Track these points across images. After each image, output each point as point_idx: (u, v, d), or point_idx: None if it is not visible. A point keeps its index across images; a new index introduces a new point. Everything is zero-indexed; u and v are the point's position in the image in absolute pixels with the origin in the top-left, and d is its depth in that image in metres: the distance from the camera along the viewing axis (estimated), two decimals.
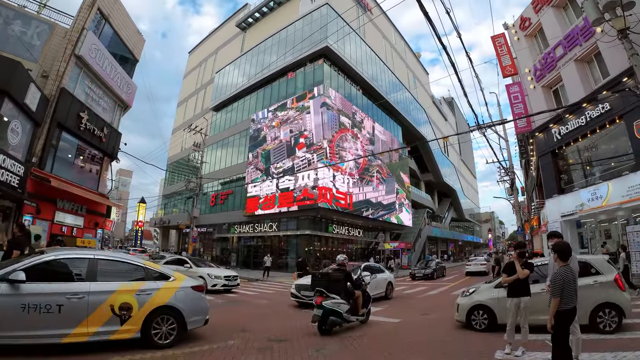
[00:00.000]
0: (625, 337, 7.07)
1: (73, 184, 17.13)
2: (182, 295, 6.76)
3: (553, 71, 20.23)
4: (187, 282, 7.11)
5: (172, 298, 6.59)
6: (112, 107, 20.95)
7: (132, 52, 22.31)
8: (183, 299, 6.72)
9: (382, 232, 40.14)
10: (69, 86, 16.66)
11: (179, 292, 6.76)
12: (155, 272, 6.88)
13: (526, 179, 36.94)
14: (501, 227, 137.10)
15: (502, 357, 6.22)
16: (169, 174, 56.11)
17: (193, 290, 7.05)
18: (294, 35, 38.24)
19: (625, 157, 16.56)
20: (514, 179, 31.15)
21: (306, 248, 33.67)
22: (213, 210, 43.59)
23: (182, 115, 58.53)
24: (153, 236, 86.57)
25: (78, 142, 18.16)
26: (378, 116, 44.40)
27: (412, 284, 24.06)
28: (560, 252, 5.12)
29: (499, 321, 8.04)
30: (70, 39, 16.47)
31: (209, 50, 56.97)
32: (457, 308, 9.00)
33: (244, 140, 41.49)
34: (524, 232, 31.61)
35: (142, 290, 6.33)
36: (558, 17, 19.79)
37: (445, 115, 77.15)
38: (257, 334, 7.96)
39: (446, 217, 71.59)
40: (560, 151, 20.89)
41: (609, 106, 16.44)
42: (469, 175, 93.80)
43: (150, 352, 6.01)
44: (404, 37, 60.88)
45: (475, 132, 19.33)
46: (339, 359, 6.22)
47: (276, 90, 40.32)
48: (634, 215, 16.54)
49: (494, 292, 8.36)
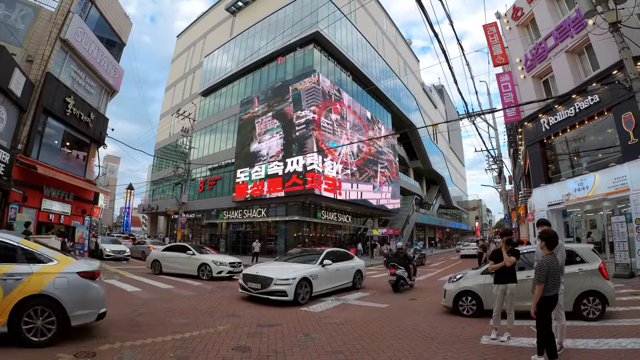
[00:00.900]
0: (608, 324, 7.28)
1: (60, 171, 16.90)
2: (63, 282, 5.52)
3: (544, 62, 20.31)
4: (73, 267, 5.80)
5: (49, 285, 5.38)
6: (98, 92, 20.60)
7: (119, 35, 21.87)
8: (65, 288, 5.51)
9: (370, 218, 40.37)
10: (55, 71, 16.32)
11: (60, 279, 5.52)
12: (31, 252, 5.65)
13: (514, 167, 37.33)
14: (488, 215, 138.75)
15: (489, 342, 6.36)
16: (157, 159, 55.41)
17: (80, 277, 5.73)
18: (284, 20, 37.67)
19: (613, 149, 16.80)
20: (502, 168, 31.49)
21: (295, 234, 33.73)
22: (202, 196, 43.35)
23: (170, 100, 57.65)
24: (141, 223, 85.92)
25: (64, 127, 17.87)
26: (368, 103, 44.26)
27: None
28: (547, 240, 5.27)
29: (485, 307, 8.27)
30: (55, 22, 16.09)
31: (198, 34, 55.94)
32: (444, 294, 9.19)
33: (232, 126, 41.08)
34: (510, 220, 32.04)
35: (9, 274, 5.21)
36: (550, 8, 19.80)
37: (435, 103, 77.20)
38: (247, 319, 8.01)
39: (434, 204, 72.14)
40: (548, 141, 21.08)
41: (598, 98, 16.60)
42: (457, 163, 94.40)
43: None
44: (395, 24, 60.43)
45: (464, 120, 19.40)
46: (327, 343, 6.28)
47: (265, 75, 39.87)
48: (619, 206, 16.88)
49: (481, 278, 8.56)
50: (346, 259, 13.46)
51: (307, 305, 9.82)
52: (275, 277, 9.92)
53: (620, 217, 14.80)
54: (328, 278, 11.50)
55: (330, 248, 14.47)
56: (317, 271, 11.01)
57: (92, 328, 6.37)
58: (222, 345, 5.95)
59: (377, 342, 6.42)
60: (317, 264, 11.41)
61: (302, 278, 10.25)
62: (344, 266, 12.72)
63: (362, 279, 13.99)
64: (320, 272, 11.11)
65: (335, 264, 11.96)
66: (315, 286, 10.68)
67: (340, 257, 13.09)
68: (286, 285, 9.75)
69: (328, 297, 11.29)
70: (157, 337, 6.17)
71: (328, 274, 11.48)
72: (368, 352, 5.83)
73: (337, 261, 12.33)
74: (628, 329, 6.85)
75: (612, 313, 8.07)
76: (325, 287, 11.36)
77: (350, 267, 13.18)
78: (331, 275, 11.67)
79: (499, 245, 7.05)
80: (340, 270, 12.32)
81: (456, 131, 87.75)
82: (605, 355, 5.43)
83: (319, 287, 10.93)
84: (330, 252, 12.72)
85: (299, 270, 10.56)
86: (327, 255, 12.10)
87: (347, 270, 12.92)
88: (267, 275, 10.16)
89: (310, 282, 10.51)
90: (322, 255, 11.89)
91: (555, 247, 5.33)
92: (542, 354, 5.04)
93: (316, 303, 10.25)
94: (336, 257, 12.61)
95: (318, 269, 11.15)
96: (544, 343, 4.99)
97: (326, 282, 11.39)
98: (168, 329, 6.79)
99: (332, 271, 11.68)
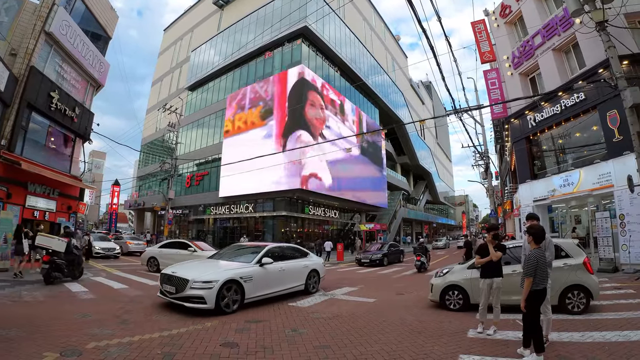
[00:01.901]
0: (593, 318, 7.39)
1: (44, 167, 16.62)
2: None
3: (531, 59, 20.53)
4: None
5: None
6: (84, 87, 20.26)
7: (104, 29, 21.52)
8: None
9: (357, 213, 40.47)
10: (39, 65, 15.99)
11: None
12: None
13: (500, 163, 37.73)
14: (475, 210, 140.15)
15: (475, 335, 6.41)
16: (143, 155, 54.89)
17: None
18: (272, 14, 37.42)
19: (598, 146, 17.08)
20: (489, 164, 31.71)
21: (282, 229, 33.78)
22: (189, 192, 43.10)
23: (157, 94, 57.02)
24: (128, 219, 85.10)
25: (49, 122, 17.54)
26: (356, 98, 44.30)
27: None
28: (534, 235, 5.32)
29: (472, 301, 8.34)
30: (39, 15, 15.76)
31: (185, 28, 55.30)
32: (431, 288, 9.24)
33: (219, 121, 40.85)
34: (496, 215, 32.37)
35: None
36: (538, 6, 20.00)
37: (422, 98, 77.56)
38: (235, 314, 7.99)
39: (421, 199, 72.62)
40: (534, 138, 21.34)
41: (584, 96, 16.85)
42: (444, 158, 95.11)
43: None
44: (384, 19, 60.45)
45: (451, 116, 19.54)
46: (315, 338, 6.28)
47: (253, 69, 39.63)
48: (604, 202, 17.16)
49: (467, 272, 8.64)
50: (297, 256, 11.34)
51: (295, 301, 9.78)
52: (193, 278, 7.92)
53: (605, 213, 15.07)
54: (268, 280, 9.42)
55: (275, 243, 11.95)
56: (251, 272, 8.94)
57: (79, 326, 6.29)
58: (210, 341, 5.91)
59: (364, 336, 6.43)
60: (253, 262, 9.30)
61: (229, 280, 8.18)
62: (292, 265, 10.58)
63: (320, 281, 11.70)
64: (256, 272, 9.06)
65: (279, 262, 10.02)
66: (249, 291, 8.66)
67: (289, 255, 11.09)
68: (205, 290, 7.76)
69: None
70: (144, 334, 6.10)
71: (268, 275, 9.41)
72: (356, 346, 5.84)
73: (283, 259, 10.45)
74: (612, 322, 6.96)
75: (597, 307, 8.20)
76: (265, 291, 9.27)
77: (302, 267, 10.95)
78: (273, 276, 9.60)
79: (485, 240, 7.11)
80: (288, 270, 10.21)
81: (443, 127, 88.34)
82: (589, 347, 5.51)
83: (255, 291, 8.91)
84: (274, 249, 10.58)
85: (226, 271, 8.62)
86: (268, 252, 9.97)
87: (297, 270, 10.71)
88: (183, 276, 8.08)
89: (242, 286, 8.46)
90: (260, 253, 9.74)
91: (543, 241, 5.38)
92: (528, 346, 5.10)
93: (304, 298, 10.21)
94: (282, 255, 10.68)
95: (253, 269, 9.07)
96: (530, 336, 5.05)
97: (265, 286, 9.29)
98: (155, 325, 6.72)
99: (273, 272, 9.62)
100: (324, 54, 38.96)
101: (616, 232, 14.57)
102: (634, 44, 14.61)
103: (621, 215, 14.41)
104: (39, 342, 5.48)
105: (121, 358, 5.00)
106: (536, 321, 5.06)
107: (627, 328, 6.45)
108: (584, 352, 5.34)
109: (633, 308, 8.04)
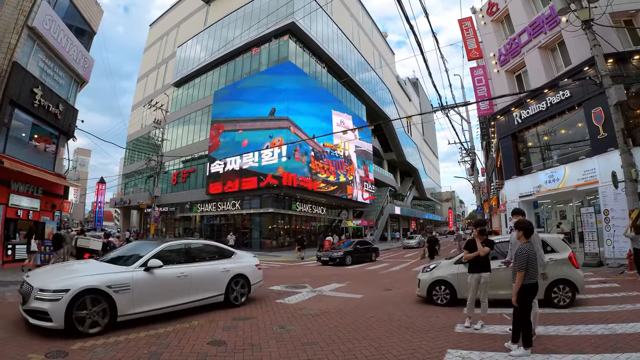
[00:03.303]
0: (578, 311, 7.48)
1: (28, 165, 16.24)
2: None
3: (517, 57, 20.70)
4: None
5: None
6: (68, 82, 19.87)
7: (89, 23, 21.14)
8: None
9: (344, 210, 40.57)
10: (22, 60, 15.61)
11: None
12: None
13: (486, 160, 38.06)
14: (461, 206, 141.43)
15: (463, 330, 6.44)
16: (128, 152, 54.10)
17: None
18: (259, 10, 37.16)
19: (583, 143, 17.32)
20: (475, 160, 31.93)
21: (270, 226, 33.68)
22: (175, 189, 42.75)
23: (142, 91, 56.28)
24: (114, 217, 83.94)
25: (32, 119, 17.16)
26: (343, 95, 44.28)
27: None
28: (525, 229, 5.36)
29: (459, 296, 8.40)
30: (22, 9, 15.35)
31: (171, 23, 54.57)
32: (418, 284, 9.29)
33: (206, 117, 40.52)
34: (483, 211, 32.63)
35: None
36: (525, 4, 20.18)
37: (409, 95, 77.85)
38: (223, 312, 7.92)
39: (408, 195, 73.02)
40: (520, 134, 21.55)
41: (569, 93, 17.06)
42: (431, 155, 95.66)
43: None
44: (371, 16, 60.47)
45: (438, 112, 19.61)
46: (303, 335, 6.26)
47: (240, 66, 39.35)
48: (588, 197, 17.42)
49: (454, 268, 8.67)
50: (215, 257, 8.55)
51: (283, 297, 9.71)
52: (39, 285, 5.83)
53: (589, 209, 15.30)
54: (160, 290, 6.93)
55: (183, 240, 8.68)
56: (127, 278, 6.46)
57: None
58: (197, 339, 5.85)
59: (352, 332, 6.42)
60: (135, 266, 6.78)
61: (88, 290, 5.92)
62: (203, 270, 7.90)
63: (249, 291, 8.87)
64: (138, 279, 6.61)
65: (181, 266, 7.49)
66: (125, 304, 6.28)
67: (201, 256, 8.32)
68: (51, 302, 5.61)
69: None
70: (130, 334, 6.01)
71: (159, 283, 6.90)
72: (344, 342, 5.83)
73: (192, 261, 7.85)
74: (598, 315, 7.06)
75: (582, 300, 8.32)
76: (154, 305, 6.79)
77: (221, 271, 8.24)
78: (168, 285, 7.09)
79: (473, 236, 7.15)
80: (194, 276, 7.58)
81: (430, 124, 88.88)
82: (576, 340, 5.58)
83: (137, 305, 6.48)
84: (177, 247, 7.99)
85: (88, 277, 6.22)
86: (162, 251, 7.37)
87: (212, 275, 8.05)
88: (31, 282, 6.05)
89: (111, 299, 6.11)
90: (149, 253, 7.13)
91: (532, 235, 5.43)
92: (517, 341, 5.14)
93: (291, 295, 10.14)
94: (191, 255, 8.02)
95: (133, 275, 6.59)
96: (520, 331, 5.08)
97: (154, 298, 6.82)
98: (141, 324, 6.62)
99: (168, 278, 7.11)
100: (311, 50, 38.87)
101: (601, 227, 14.80)
102: (619, 43, 14.83)
103: (605, 211, 14.64)
104: (23, 343, 5.36)
105: (107, 358, 4.92)
106: (527, 316, 5.09)
107: (613, 321, 6.54)
108: (571, 345, 5.39)
109: (618, 301, 8.16)
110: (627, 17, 16.11)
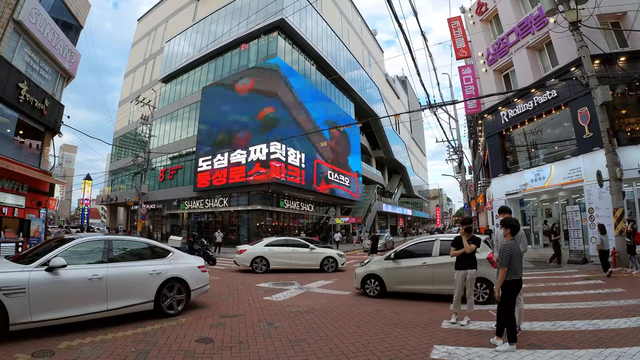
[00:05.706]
0: (564, 307, 7.61)
1: (13, 161, 15.93)
2: None
3: (505, 56, 20.87)
4: None
5: None
6: (54, 77, 19.51)
7: (76, 17, 20.78)
8: None
9: (333, 207, 40.58)
10: (7, 55, 15.29)
11: None
12: None
13: (474, 158, 38.37)
14: (448, 203, 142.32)
15: (449, 326, 6.52)
16: (115, 148, 53.51)
17: None
18: (249, 6, 36.89)
19: (569, 142, 17.53)
20: (462, 158, 32.24)
21: (257, 223, 33.54)
22: (162, 186, 42.36)
23: (130, 86, 55.58)
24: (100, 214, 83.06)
25: (17, 115, 16.85)
26: (332, 92, 44.25)
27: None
28: (512, 227, 5.44)
29: (388, 289, 9.33)
30: (8, 3, 15.02)
31: (159, 18, 53.90)
32: (354, 277, 10.18)
33: (194, 114, 40.17)
34: (470, 208, 32.94)
35: None
36: (514, 5, 20.35)
37: (398, 93, 78.07)
38: (210, 310, 7.89)
39: (396, 193, 73.29)
40: (507, 133, 21.76)
41: (556, 93, 17.26)
42: (419, 153, 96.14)
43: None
44: (361, 14, 60.46)
45: (426, 111, 19.74)
46: (291, 332, 6.27)
47: (228, 62, 39.06)
48: (574, 196, 17.69)
49: (385, 263, 9.50)
50: (143, 257, 7.26)
51: (271, 295, 9.70)
52: None
53: (575, 207, 15.53)
54: (66, 295, 5.77)
55: (97, 235, 7.64)
56: (22, 280, 5.36)
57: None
58: (185, 337, 5.81)
59: (339, 329, 6.45)
60: (34, 265, 5.68)
61: None
62: (124, 272, 6.59)
63: (189, 297, 7.57)
64: (38, 281, 5.50)
65: (94, 266, 6.26)
66: (19, 312, 5.22)
67: (124, 254, 7.00)
68: None
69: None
70: (117, 332, 5.94)
71: (65, 286, 5.77)
72: (331, 339, 5.84)
73: (110, 261, 6.51)
74: (582, 311, 7.18)
75: (567, 296, 8.50)
76: (59, 313, 5.64)
77: (149, 274, 6.88)
78: (76, 289, 5.92)
79: (459, 233, 7.21)
80: (114, 279, 6.35)
81: (418, 122, 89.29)
82: (560, 336, 5.67)
83: (37, 313, 5.39)
84: (90, 244, 6.68)
85: None
86: (75, 248, 6.31)
87: (136, 279, 6.75)
88: None
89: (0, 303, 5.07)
90: (55, 250, 6.02)
91: (517, 233, 5.50)
92: (501, 335, 5.22)
93: (279, 292, 10.15)
94: (107, 254, 6.59)
95: (31, 276, 5.47)
96: (504, 325, 5.16)
97: (61, 304, 5.69)
98: (128, 322, 6.56)
99: (77, 281, 5.94)
100: (300, 47, 38.75)
101: (586, 225, 15.04)
102: (606, 44, 15.05)
103: (590, 209, 14.89)
104: (9, 342, 5.24)
105: (94, 357, 4.85)
106: (511, 312, 5.16)
107: (597, 317, 6.66)
108: (555, 340, 5.47)
109: (602, 298, 8.31)
110: (614, 19, 16.34)
